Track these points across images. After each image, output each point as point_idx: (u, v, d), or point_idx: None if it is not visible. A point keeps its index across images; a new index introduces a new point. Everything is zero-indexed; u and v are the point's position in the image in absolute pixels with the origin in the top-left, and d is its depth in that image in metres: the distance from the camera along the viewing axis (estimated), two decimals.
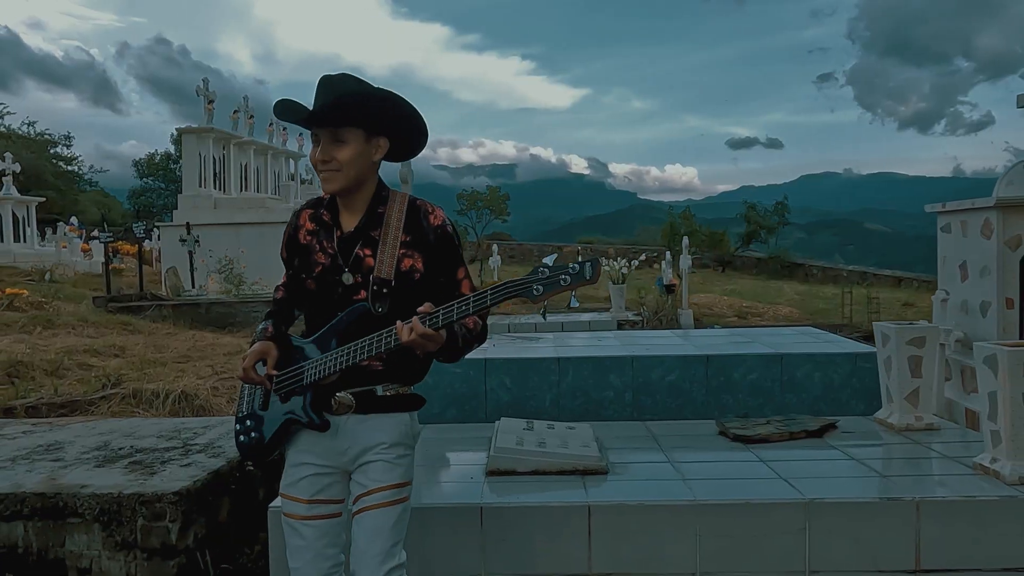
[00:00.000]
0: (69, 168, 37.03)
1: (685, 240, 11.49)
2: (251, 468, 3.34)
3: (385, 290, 1.94)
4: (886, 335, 3.75)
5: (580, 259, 1.78)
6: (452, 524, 2.74)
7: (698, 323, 11.14)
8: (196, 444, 3.54)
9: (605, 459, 3.17)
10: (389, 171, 5.93)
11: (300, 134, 19.86)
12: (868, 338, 3.74)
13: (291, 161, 19.46)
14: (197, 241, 13.58)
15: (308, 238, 2.06)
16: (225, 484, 3.19)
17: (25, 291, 12.54)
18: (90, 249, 19.61)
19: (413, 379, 2.06)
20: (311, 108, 1.95)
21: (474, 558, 2.73)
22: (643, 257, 13.63)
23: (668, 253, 14.42)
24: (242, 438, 2.10)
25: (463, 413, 4.53)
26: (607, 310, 11.80)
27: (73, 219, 24.88)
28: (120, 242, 19.51)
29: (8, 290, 12.38)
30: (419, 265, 1.98)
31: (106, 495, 2.86)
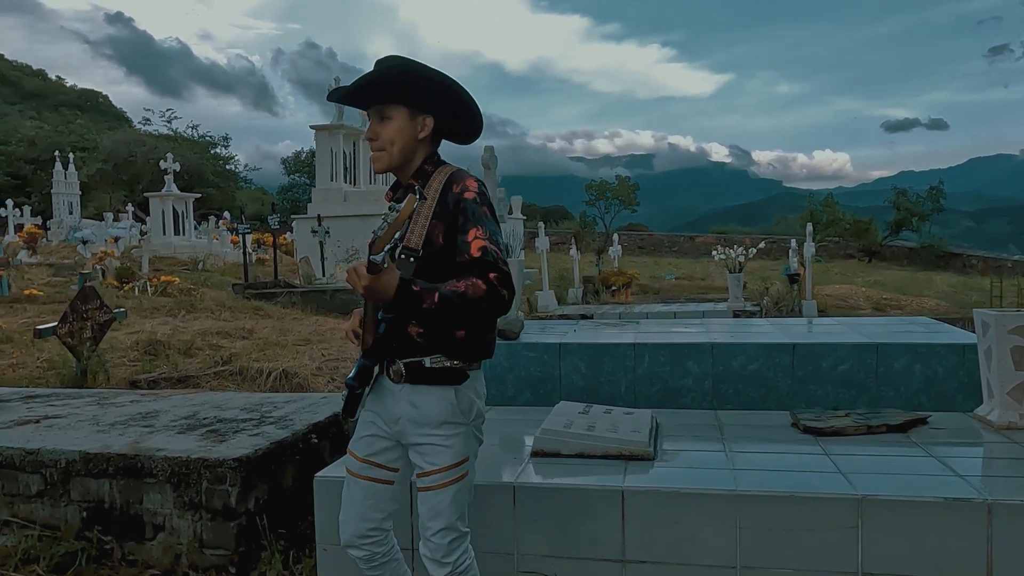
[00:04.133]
0: (227, 167, 40.13)
1: (809, 227, 10.86)
2: (315, 440, 3.51)
3: (412, 259, 1.95)
4: (986, 323, 3.40)
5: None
6: (487, 502, 2.74)
7: (823, 315, 10.51)
8: (271, 417, 3.75)
9: (653, 445, 3.07)
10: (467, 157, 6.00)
11: None
12: None
13: None
14: (327, 232, 14.34)
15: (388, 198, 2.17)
16: (289, 454, 3.36)
17: (177, 279, 13.73)
18: (239, 240, 21.15)
19: (456, 353, 2.06)
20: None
21: (507, 536, 2.73)
22: (762, 245, 12.97)
23: (793, 241, 13.69)
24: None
25: (537, 397, 4.52)
26: (725, 300, 11.38)
27: (226, 214, 26.94)
28: (266, 234, 20.92)
29: (163, 277, 13.61)
30: (440, 236, 2.00)
31: (176, 458, 3.10)
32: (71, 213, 25.50)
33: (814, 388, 4.30)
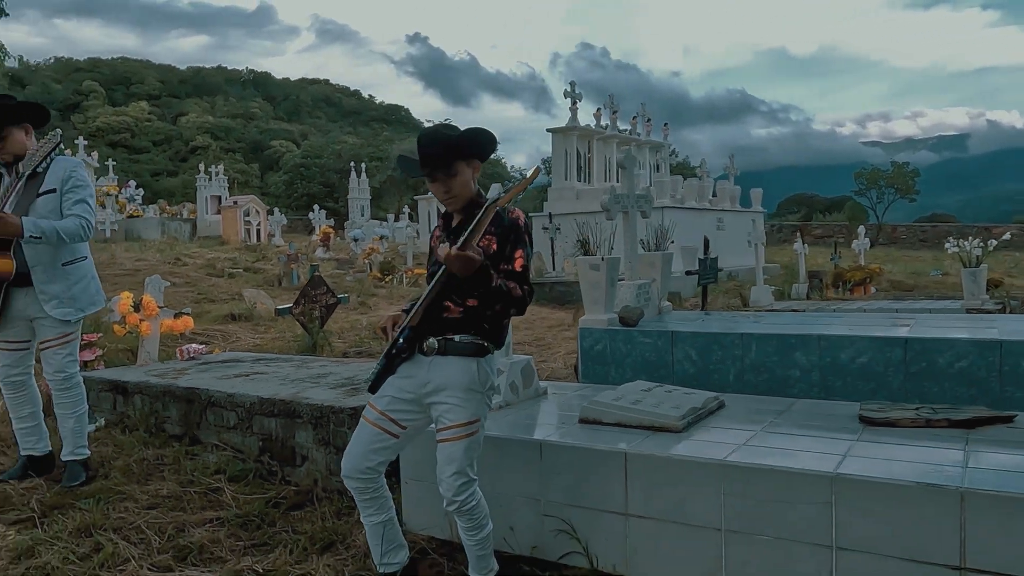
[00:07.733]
0: (494, 170, 43.41)
1: None
2: None
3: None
4: None
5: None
6: (518, 454, 3.28)
7: None
8: None
9: (687, 421, 3.36)
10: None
11: (666, 124, 20.65)
12: None
13: (656, 152, 20.37)
14: (558, 228, 15.29)
15: (436, 240, 2.83)
16: None
17: None
18: None
19: (486, 334, 2.72)
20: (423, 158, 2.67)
21: (535, 484, 3.24)
22: (1006, 236, 11.36)
23: None
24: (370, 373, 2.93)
25: (652, 380, 4.87)
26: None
27: None
28: None
29: (416, 270, 15.50)
30: (493, 245, 2.64)
31: (315, 405, 4.04)
32: (362, 215, 29.56)
33: (929, 385, 4.17)
